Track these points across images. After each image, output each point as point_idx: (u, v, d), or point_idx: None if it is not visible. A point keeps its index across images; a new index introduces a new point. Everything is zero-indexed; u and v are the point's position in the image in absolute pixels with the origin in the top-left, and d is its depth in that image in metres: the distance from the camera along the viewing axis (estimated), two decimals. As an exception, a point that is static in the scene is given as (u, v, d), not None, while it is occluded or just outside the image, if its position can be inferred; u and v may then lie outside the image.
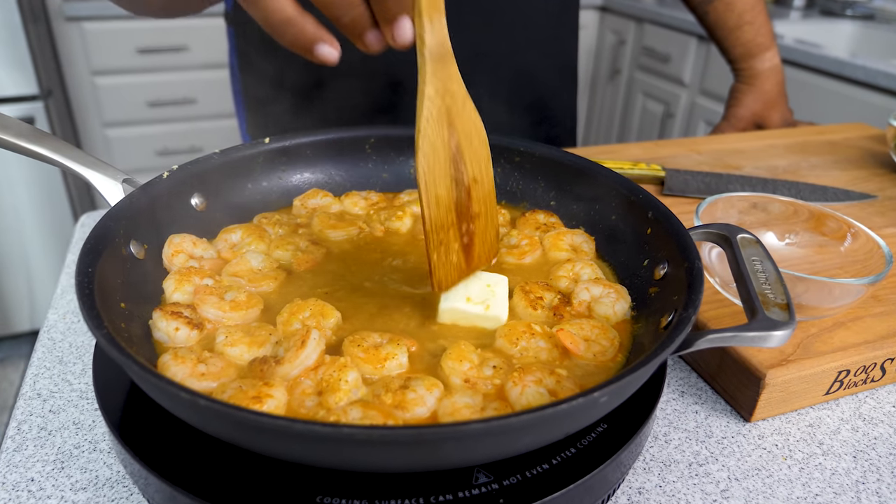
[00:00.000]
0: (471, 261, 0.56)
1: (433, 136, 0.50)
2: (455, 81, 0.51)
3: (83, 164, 0.60)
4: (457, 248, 0.54)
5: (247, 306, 0.55)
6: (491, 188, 0.56)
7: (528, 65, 1.13)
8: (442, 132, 0.51)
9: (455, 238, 0.53)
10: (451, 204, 0.52)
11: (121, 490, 0.52)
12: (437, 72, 0.49)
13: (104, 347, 0.40)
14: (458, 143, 0.52)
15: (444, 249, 0.53)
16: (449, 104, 0.51)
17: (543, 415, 0.36)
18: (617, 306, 0.57)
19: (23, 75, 2.18)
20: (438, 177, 0.51)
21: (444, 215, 0.52)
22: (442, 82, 0.49)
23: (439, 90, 0.49)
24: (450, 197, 0.52)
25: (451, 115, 0.51)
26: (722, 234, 0.57)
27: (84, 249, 0.49)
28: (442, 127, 0.50)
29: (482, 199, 0.55)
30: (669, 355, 0.44)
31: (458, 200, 0.53)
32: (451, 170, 0.52)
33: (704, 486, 0.54)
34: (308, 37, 0.49)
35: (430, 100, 0.49)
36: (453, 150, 0.52)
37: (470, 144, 0.53)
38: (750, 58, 1.28)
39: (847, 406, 0.64)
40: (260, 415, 0.36)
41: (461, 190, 0.53)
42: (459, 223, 0.53)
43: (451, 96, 0.51)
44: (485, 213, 0.56)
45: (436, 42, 0.48)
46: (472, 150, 0.54)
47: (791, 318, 0.46)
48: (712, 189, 0.95)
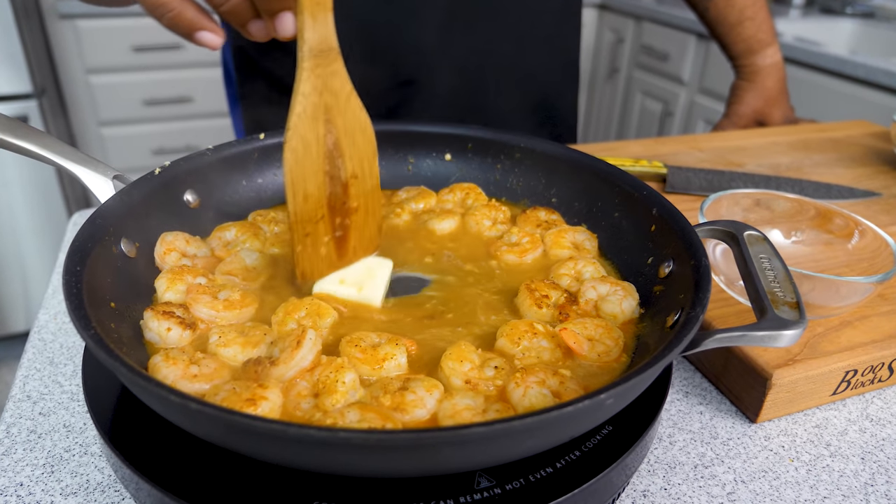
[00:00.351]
0: (344, 253, 0.57)
1: (305, 132, 0.50)
2: (339, 78, 0.51)
3: (72, 161, 0.59)
4: (326, 240, 0.54)
5: (241, 305, 0.54)
6: (374, 184, 0.57)
7: (532, 63, 1.12)
8: (316, 128, 0.51)
9: (326, 231, 0.54)
10: (323, 198, 0.53)
11: (112, 495, 0.50)
12: (314, 69, 0.49)
13: (91, 349, 0.39)
14: (337, 140, 0.52)
15: (311, 241, 0.54)
16: (328, 101, 0.51)
17: (548, 418, 0.35)
18: (624, 304, 0.55)
19: (16, 73, 2.17)
20: (309, 172, 0.52)
21: (312, 209, 0.52)
22: (321, 79, 0.50)
23: (317, 87, 0.50)
24: (321, 192, 0.53)
25: (329, 112, 0.51)
26: (728, 232, 0.56)
27: (72, 248, 0.48)
28: (317, 123, 0.51)
29: (362, 194, 0.56)
30: (676, 356, 0.43)
31: (332, 195, 0.53)
32: (325, 165, 0.52)
33: (710, 489, 0.53)
34: (186, 22, 0.49)
35: (305, 96, 0.49)
36: (329, 147, 0.52)
37: (352, 141, 0.54)
38: (751, 54, 1.27)
39: (854, 406, 0.63)
40: (253, 418, 0.34)
41: (336, 185, 0.53)
42: (332, 217, 0.54)
43: (332, 94, 0.51)
44: (364, 208, 0.56)
45: (317, 39, 0.48)
46: (355, 147, 0.54)
47: (802, 317, 0.45)
48: (715, 186, 0.94)
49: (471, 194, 0.72)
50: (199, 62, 2.65)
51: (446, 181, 0.75)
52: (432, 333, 0.53)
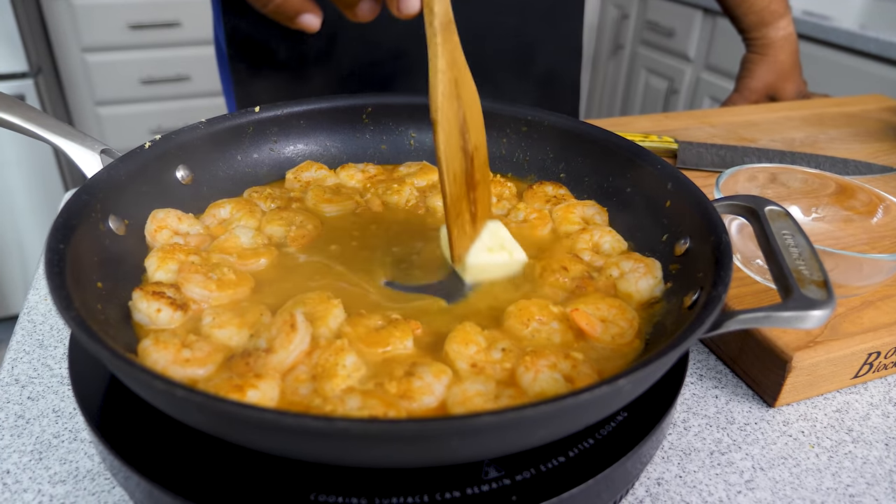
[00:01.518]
0: (476, 226, 0.55)
1: (448, 112, 0.48)
2: (459, 51, 0.49)
3: (58, 134, 0.56)
4: (468, 217, 0.53)
5: (236, 285, 0.51)
6: (486, 153, 0.55)
7: (533, 37, 1.09)
8: (454, 105, 0.49)
9: (466, 208, 0.53)
10: (463, 176, 0.51)
11: (102, 483, 0.48)
12: (445, 43, 0.47)
13: (74, 331, 0.36)
14: (464, 114, 0.51)
15: (461, 221, 0.52)
16: (457, 75, 0.49)
17: (563, 405, 0.32)
18: (641, 283, 0.53)
19: (11, 52, 2.13)
20: (453, 152, 0.50)
21: (459, 189, 0.51)
22: (450, 53, 0.48)
23: (449, 62, 0.48)
24: (462, 169, 0.51)
25: (458, 87, 0.49)
26: (748, 207, 0.53)
27: (56, 224, 0.45)
28: (454, 100, 0.49)
29: (482, 166, 0.54)
30: (698, 338, 0.40)
31: (466, 170, 0.52)
32: (461, 141, 0.51)
33: (727, 476, 0.51)
34: (291, 6, 0.47)
35: (444, 73, 0.47)
36: (461, 122, 0.50)
37: (472, 113, 0.52)
38: (763, 26, 1.23)
39: (877, 390, 0.60)
40: (244, 406, 0.32)
41: (467, 159, 0.52)
42: (468, 192, 0.52)
43: (458, 67, 0.49)
44: (484, 179, 0.55)
45: (443, 10, 0.46)
46: (474, 119, 0.52)
47: (830, 297, 0.42)
48: (727, 162, 0.91)
49: (476, 169, 0.69)
50: (196, 40, 2.60)
51: (450, 156, 0.72)
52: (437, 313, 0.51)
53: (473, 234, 0.55)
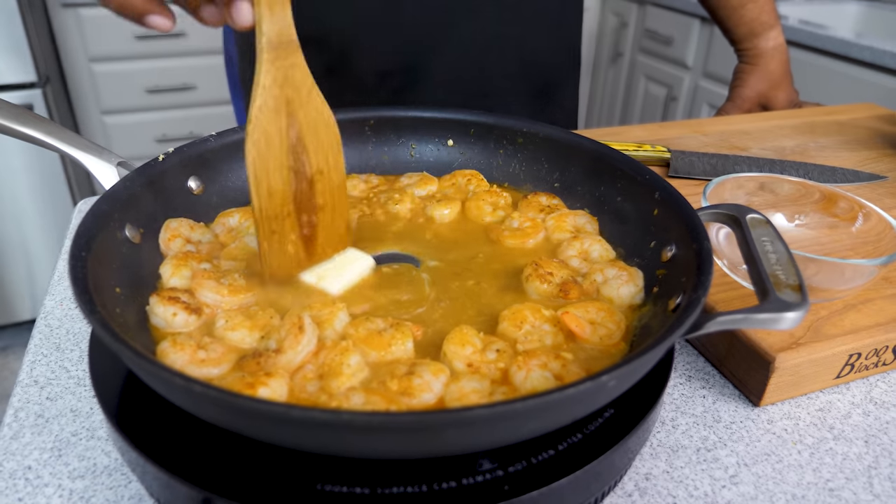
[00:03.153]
0: (313, 252, 0.55)
1: (267, 126, 0.49)
2: (299, 71, 0.50)
3: (77, 148, 0.59)
4: (294, 238, 0.53)
5: (246, 290, 0.54)
6: (341, 181, 0.56)
7: (535, 48, 1.12)
8: (279, 122, 0.50)
9: (292, 229, 0.53)
10: (289, 195, 0.52)
11: (119, 478, 0.51)
12: (274, 61, 0.48)
13: (97, 333, 0.39)
14: (300, 134, 0.51)
15: (278, 239, 0.52)
16: (289, 94, 0.50)
17: (549, 399, 0.35)
18: (623, 289, 0.56)
19: (20, 62, 2.17)
20: (272, 167, 0.50)
21: (277, 205, 0.51)
22: (281, 72, 0.49)
23: (277, 80, 0.49)
24: (286, 187, 0.51)
25: (291, 106, 0.50)
26: (731, 215, 0.56)
27: (77, 233, 0.48)
28: (279, 116, 0.50)
29: (328, 191, 0.54)
30: (678, 338, 0.43)
31: (298, 191, 0.52)
32: (289, 160, 0.51)
33: (713, 472, 0.53)
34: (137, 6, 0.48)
35: (265, 89, 0.48)
36: (293, 141, 0.51)
37: (315, 136, 0.52)
38: (754, 37, 1.26)
39: (858, 390, 0.63)
40: (257, 401, 0.34)
41: (302, 181, 0.52)
42: (298, 214, 0.53)
43: (293, 87, 0.50)
44: (331, 205, 0.55)
45: (275, 31, 0.47)
46: (318, 142, 0.53)
47: (804, 300, 0.45)
48: (719, 170, 0.94)
49: (472, 180, 0.72)
50: (201, 50, 2.64)
51: (449, 166, 0.75)
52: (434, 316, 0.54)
53: (304, 257, 0.55)
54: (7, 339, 2.59)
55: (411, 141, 0.76)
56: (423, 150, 0.76)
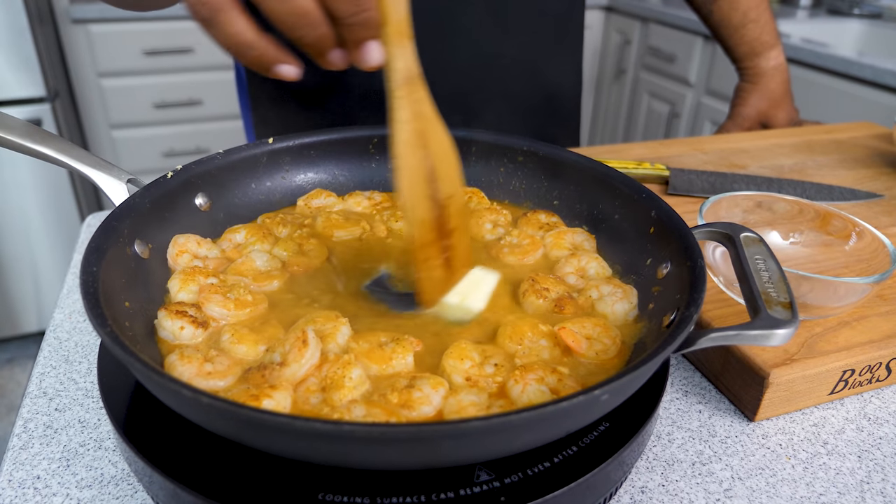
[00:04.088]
0: (452, 273, 0.57)
1: (411, 159, 0.51)
2: (425, 103, 0.51)
3: (88, 165, 0.61)
4: (439, 263, 0.55)
5: (251, 304, 0.56)
6: (463, 201, 0.58)
7: (536, 66, 1.13)
8: (418, 154, 0.51)
9: (437, 254, 0.55)
10: (432, 223, 0.54)
11: (125, 488, 0.52)
12: (408, 95, 0.49)
13: (108, 345, 0.40)
14: (433, 164, 0.53)
15: (429, 266, 0.54)
16: (422, 127, 0.51)
17: (544, 412, 0.36)
18: (617, 306, 0.57)
19: (30, 77, 2.20)
20: (419, 198, 0.52)
21: (427, 234, 0.53)
22: (414, 105, 0.50)
23: (412, 113, 0.50)
24: (430, 216, 0.53)
25: (424, 137, 0.52)
26: (725, 233, 0.57)
27: (89, 248, 0.50)
28: (417, 149, 0.51)
29: (456, 214, 0.56)
30: (672, 354, 0.44)
31: (437, 218, 0.54)
32: (428, 189, 0.53)
33: (707, 486, 0.54)
34: (269, 59, 0.49)
35: (405, 123, 0.50)
36: (429, 171, 0.53)
37: (443, 163, 0.54)
38: (755, 56, 1.28)
39: (852, 406, 0.64)
40: (261, 412, 0.36)
41: (438, 207, 0.54)
42: (440, 240, 0.55)
43: (423, 119, 0.51)
44: (461, 227, 0.57)
45: (405, 66, 0.48)
46: (446, 169, 0.55)
47: (794, 317, 0.46)
48: (717, 188, 0.95)
49: (473, 198, 0.74)
50: (208, 65, 2.68)
51: (451, 184, 0.77)
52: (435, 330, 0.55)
53: (448, 279, 0.57)
54: (13, 351, 2.61)
55: (414, 159, 0.77)
56: (425, 168, 0.78)
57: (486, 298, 0.58)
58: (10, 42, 2.12)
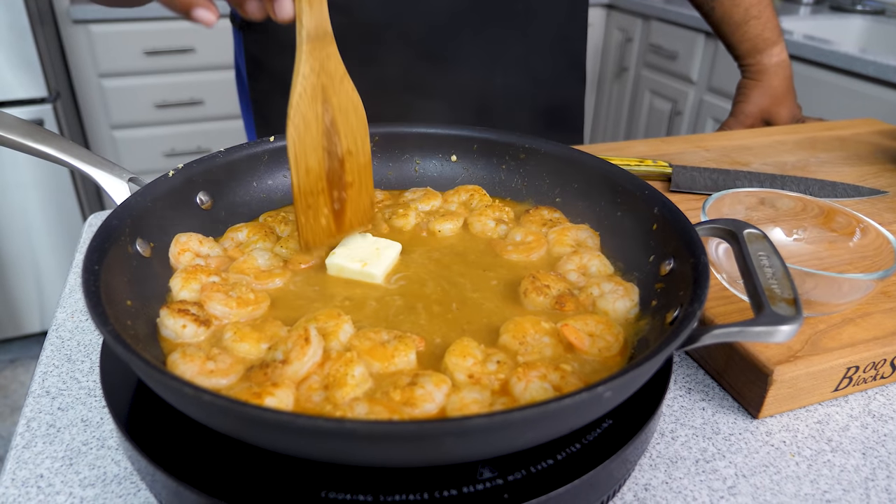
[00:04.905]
0: (342, 225, 0.60)
1: (305, 110, 0.54)
2: (333, 60, 0.54)
3: (90, 164, 0.61)
4: (326, 212, 0.58)
5: (254, 303, 0.56)
6: (367, 160, 0.61)
7: (539, 65, 1.13)
8: (315, 107, 0.54)
9: (325, 203, 0.58)
10: (322, 172, 0.56)
11: (128, 486, 0.52)
12: (313, 51, 0.53)
13: (110, 344, 0.40)
14: (333, 118, 0.56)
15: (313, 213, 0.57)
16: (325, 82, 0.54)
17: (547, 409, 0.36)
18: (618, 303, 0.57)
19: (31, 78, 2.20)
20: (309, 147, 0.55)
21: (313, 182, 0.56)
22: (318, 61, 0.53)
23: (315, 68, 0.53)
24: (321, 166, 0.56)
25: (326, 92, 0.55)
26: (728, 230, 0.57)
27: (90, 247, 0.50)
28: (315, 102, 0.54)
29: (356, 170, 0.59)
30: (675, 351, 0.44)
31: (331, 169, 0.57)
32: (323, 141, 0.56)
33: (711, 483, 0.54)
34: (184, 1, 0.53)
35: (305, 77, 0.53)
36: (327, 124, 0.56)
37: (346, 119, 0.57)
38: (757, 53, 1.27)
39: (856, 403, 0.63)
40: (264, 410, 0.36)
41: (334, 160, 0.57)
42: (330, 190, 0.57)
43: (328, 75, 0.54)
44: (358, 182, 0.60)
45: (314, 24, 0.52)
46: (348, 125, 0.58)
47: (798, 313, 0.46)
48: (719, 185, 0.95)
49: (475, 195, 0.74)
50: (209, 65, 2.68)
51: (452, 182, 0.77)
52: (436, 328, 0.55)
53: (334, 229, 0.60)
54: (16, 351, 2.61)
55: (415, 156, 0.77)
56: (426, 166, 0.78)
57: (387, 268, 0.61)
58: (11, 43, 2.12)
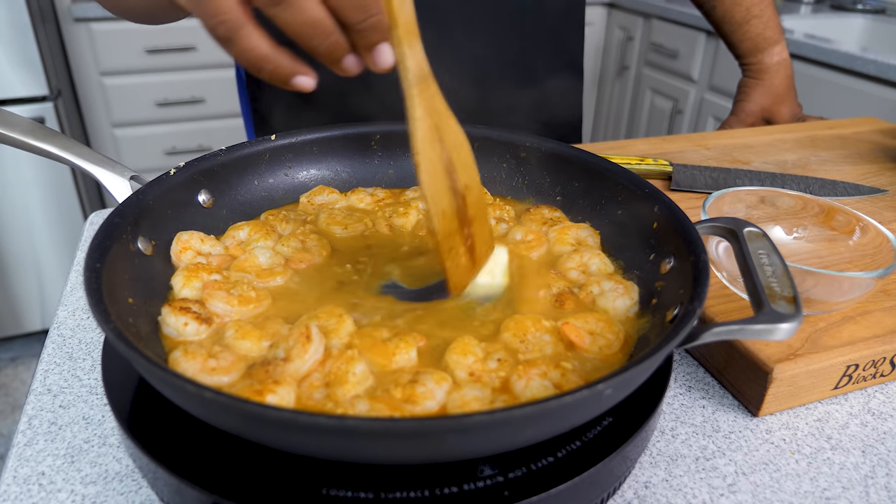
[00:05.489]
0: (476, 259, 0.59)
1: (430, 154, 0.52)
2: (438, 99, 0.53)
3: (91, 162, 0.61)
4: (463, 251, 0.57)
5: (255, 301, 0.56)
6: (480, 190, 0.59)
7: (536, 63, 1.13)
8: (436, 148, 0.53)
9: (461, 243, 0.56)
10: (454, 213, 0.55)
11: (130, 483, 0.52)
12: (422, 93, 0.51)
13: (112, 342, 0.40)
14: (450, 156, 0.54)
15: (455, 254, 0.56)
16: (437, 122, 0.53)
17: (547, 407, 0.36)
18: (618, 302, 0.57)
19: (32, 76, 2.20)
20: (440, 191, 0.53)
21: (449, 224, 0.54)
22: (427, 102, 0.52)
23: (427, 110, 0.52)
24: (451, 207, 0.55)
25: (440, 131, 0.53)
26: (728, 228, 0.57)
27: (92, 245, 0.50)
28: (434, 144, 0.53)
29: (475, 203, 0.58)
30: (675, 349, 0.44)
31: (458, 208, 0.56)
32: (448, 181, 0.54)
33: (711, 481, 0.54)
34: (285, 72, 0.50)
35: (421, 120, 0.51)
36: (446, 163, 0.54)
37: (459, 155, 0.56)
38: (758, 52, 1.28)
39: (856, 401, 0.64)
40: (265, 407, 0.36)
41: (458, 198, 0.56)
42: (461, 228, 0.56)
43: (437, 114, 0.53)
44: (480, 215, 0.59)
45: (416, 65, 0.50)
46: (461, 160, 0.56)
47: (798, 311, 0.46)
48: (720, 184, 0.95)
49: (475, 194, 0.74)
50: (210, 64, 2.68)
51: (453, 180, 0.77)
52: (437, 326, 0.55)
53: (472, 266, 0.59)
54: (17, 349, 2.62)
55: (417, 155, 0.77)
56: (428, 164, 0.78)
57: (506, 271, 0.61)
58: (13, 41, 2.13)
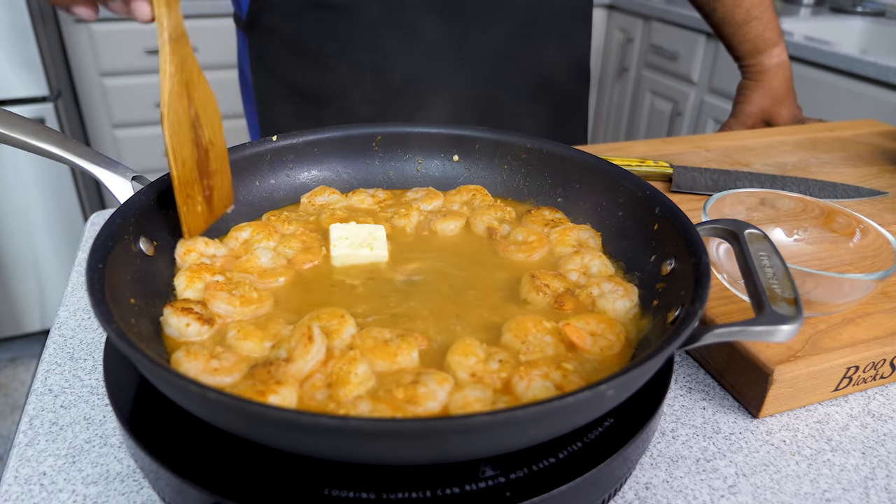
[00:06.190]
0: (213, 209, 0.64)
1: (176, 106, 0.57)
2: (190, 59, 0.59)
3: (93, 162, 0.61)
4: (200, 200, 0.61)
5: (257, 301, 0.56)
6: (224, 148, 0.65)
7: (544, 64, 1.14)
8: (183, 102, 0.58)
9: (199, 192, 0.61)
10: (194, 163, 0.60)
11: (131, 484, 0.52)
12: (175, 51, 0.56)
13: (114, 342, 0.40)
14: (196, 112, 0.60)
15: (191, 202, 0.60)
16: (187, 78, 0.58)
17: (549, 408, 0.36)
18: (618, 303, 0.57)
19: (33, 77, 2.20)
20: (183, 141, 0.58)
21: (189, 173, 0.59)
22: (180, 59, 0.57)
23: (178, 66, 0.57)
24: (192, 158, 0.60)
25: (189, 88, 0.59)
26: (729, 230, 0.57)
27: (94, 245, 0.50)
28: (183, 98, 0.58)
29: (217, 158, 0.63)
30: (676, 350, 0.44)
31: (199, 160, 0.61)
32: (192, 134, 0.59)
33: (712, 482, 0.54)
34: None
35: (172, 76, 0.57)
36: (193, 118, 0.60)
37: (206, 112, 0.61)
38: (757, 54, 1.28)
39: (856, 402, 0.64)
40: (268, 407, 0.36)
41: (201, 151, 0.61)
42: (201, 179, 0.61)
43: (188, 71, 0.59)
44: (221, 169, 0.64)
45: (172, 26, 0.56)
46: (208, 117, 0.62)
47: (798, 313, 0.46)
48: (720, 186, 0.95)
49: (477, 195, 0.74)
50: (211, 65, 2.67)
51: (454, 181, 0.77)
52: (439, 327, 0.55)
53: (208, 214, 0.63)
54: (17, 350, 2.61)
55: (417, 156, 0.78)
56: (428, 166, 0.78)
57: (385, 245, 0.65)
58: (13, 42, 2.13)
